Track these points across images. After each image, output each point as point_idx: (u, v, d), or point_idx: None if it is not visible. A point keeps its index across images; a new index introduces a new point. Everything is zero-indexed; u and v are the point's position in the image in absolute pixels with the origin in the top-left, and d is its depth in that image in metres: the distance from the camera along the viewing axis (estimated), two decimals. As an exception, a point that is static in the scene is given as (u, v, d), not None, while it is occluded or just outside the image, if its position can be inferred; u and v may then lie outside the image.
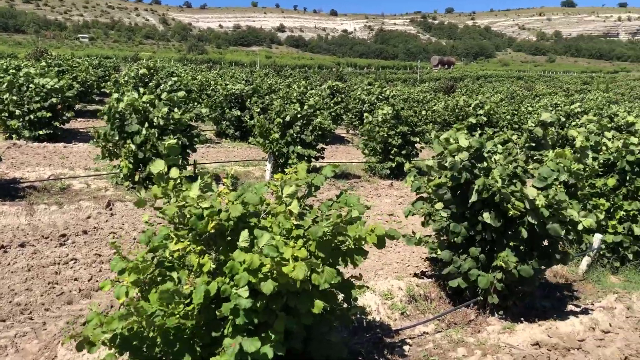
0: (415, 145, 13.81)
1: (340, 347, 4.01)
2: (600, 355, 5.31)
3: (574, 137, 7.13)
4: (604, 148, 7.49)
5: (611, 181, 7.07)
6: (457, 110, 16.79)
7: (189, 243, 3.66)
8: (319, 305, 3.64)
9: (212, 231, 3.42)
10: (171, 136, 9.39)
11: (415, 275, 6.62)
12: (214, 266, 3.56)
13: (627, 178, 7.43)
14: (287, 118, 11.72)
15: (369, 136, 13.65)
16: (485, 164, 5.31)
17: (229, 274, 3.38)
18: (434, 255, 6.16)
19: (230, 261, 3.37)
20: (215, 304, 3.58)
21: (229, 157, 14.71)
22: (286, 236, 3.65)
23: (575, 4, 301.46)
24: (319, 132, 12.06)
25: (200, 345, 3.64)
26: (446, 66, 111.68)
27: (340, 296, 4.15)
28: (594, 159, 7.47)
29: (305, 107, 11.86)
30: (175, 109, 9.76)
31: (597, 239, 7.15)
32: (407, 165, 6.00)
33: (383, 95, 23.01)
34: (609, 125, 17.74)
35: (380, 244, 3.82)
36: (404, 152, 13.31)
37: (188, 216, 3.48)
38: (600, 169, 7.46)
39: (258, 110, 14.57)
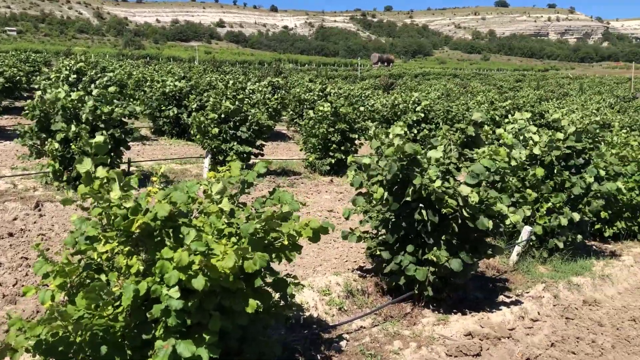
0: (355, 141, 13.93)
1: (275, 345, 4.00)
2: (529, 342, 5.53)
3: (500, 135, 7.39)
4: (530, 142, 7.79)
5: (539, 171, 7.35)
6: (394, 108, 17.07)
7: (117, 244, 3.54)
8: (252, 304, 3.60)
9: (139, 231, 3.31)
10: (104, 132, 9.09)
11: (354, 270, 6.68)
12: (142, 267, 3.46)
13: (555, 171, 7.76)
14: (222, 114, 11.56)
15: (308, 133, 13.67)
16: (420, 166, 5.42)
17: (159, 274, 3.29)
18: (372, 251, 6.23)
19: (160, 260, 3.27)
20: (146, 306, 3.48)
21: (166, 154, 14.40)
22: (218, 235, 3.59)
23: (508, 4, 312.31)
24: (257, 128, 11.96)
25: (132, 348, 3.54)
26: (386, 64, 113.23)
27: (277, 295, 4.13)
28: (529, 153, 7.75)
29: (237, 102, 11.71)
30: (107, 106, 9.44)
31: (526, 230, 7.43)
32: (349, 158, 6.04)
33: (324, 92, 23.10)
34: (541, 122, 18.39)
35: (315, 237, 3.82)
36: (343, 148, 13.40)
37: (113, 217, 3.37)
38: (527, 162, 7.74)
39: (195, 106, 14.30)
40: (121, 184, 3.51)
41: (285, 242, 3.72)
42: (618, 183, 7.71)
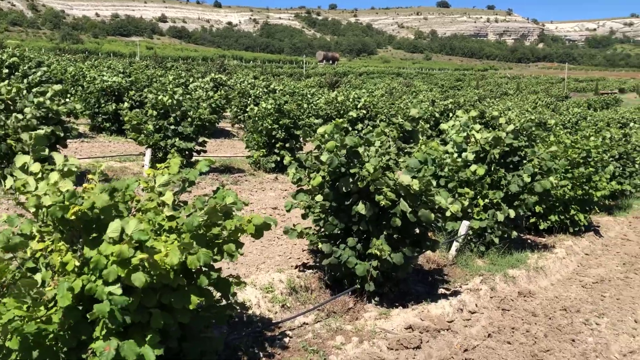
0: (300, 138, 13.91)
1: (217, 343, 3.95)
2: (467, 334, 5.69)
3: (445, 130, 7.57)
4: (472, 140, 8.00)
5: (480, 170, 7.55)
6: (337, 105, 17.23)
7: (51, 242, 3.41)
8: (194, 300, 3.54)
9: (74, 218, 3.18)
10: (46, 128, 8.77)
11: (297, 267, 6.67)
12: (78, 264, 3.34)
13: (492, 168, 8.00)
14: (162, 109, 11.31)
15: (252, 129, 13.56)
16: (360, 159, 5.48)
17: (96, 271, 3.18)
18: (314, 246, 6.25)
19: (95, 256, 3.16)
20: (82, 305, 3.37)
21: (105, 152, 13.98)
22: (157, 231, 3.50)
23: (449, 4, 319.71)
24: (200, 124, 11.76)
25: (65, 351, 3.41)
26: (331, 62, 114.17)
27: (218, 294, 4.08)
28: (464, 150, 7.96)
29: (177, 97, 11.48)
30: (48, 101, 9.11)
31: (464, 225, 7.63)
32: (287, 159, 6.02)
33: (268, 88, 22.98)
34: (481, 121, 18.93)
35: (258, 234, 3.79)
36: (288, 145, 13.36)
37: (49, 203, 3.23)
38: (472, 159, 7.95)
39: (128, 105, 13.90)
40: (61, 167, 3.38)
41: (228, 238, 3.68)
42: (551, 179, 8.02)
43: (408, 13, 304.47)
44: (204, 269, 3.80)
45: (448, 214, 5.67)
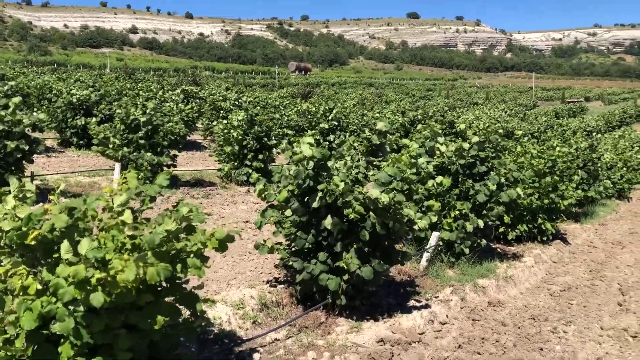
0: (272, 150, 13.87)
1: (186, 363, 3.91)
2: (438, 345, 5.72)
3: (407, 145, 7.65)
4: (437, 152, 8.10)
5: (446, 181, 7.66)
6: (309, 116, 17.27)
7: (10, 266, 3.34)
8: (160, 320, 3.49)
9: (34, 243, 3.12)
10: (9, 143, 8.61)
11: (268, 282, 6.65)
12: (40, 287, 3.27)
13: (460, 180, 8.11)
14: (132, 124, 11.18)
15: (222, 142, 13.45)
16: (328, 172, 5.50)
17: (56, 294, 3.12)
18: (286, 262, 6.23)
19: (53, 279, 3.09)
20: (46, 328, 3.30)
21: (74, 167, 13.75)
22: (120, 250, 3.45)
23: (419, 15, 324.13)
24: (173, 138, 11.66)
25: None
26: (303, 72, 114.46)
27: (187, 312, 4.03)
28: (428, 162, 8.05)
29: (148, 111, 11.38)
30: (9, 116, 8.93)
31: (434, 236, 7.70)
32: (254, 175, 6.01)
33: (240, 101, 22.90)
34: (451, 131, 19.13)
35: (221, 247, 3.75)
36: (260, 157, 13.31)
37: (6, 229, 3.16)
38: (434, 172, 8.04)
39: (98, 119, 13.74)
40: (17, 191, 3.31)
41: (192, 251, 3.64)
42: (518, 189, 8.16)
43: (379, 24, 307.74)
44: (168, 285, 3.75)
45: (416, 227, 5.72)
